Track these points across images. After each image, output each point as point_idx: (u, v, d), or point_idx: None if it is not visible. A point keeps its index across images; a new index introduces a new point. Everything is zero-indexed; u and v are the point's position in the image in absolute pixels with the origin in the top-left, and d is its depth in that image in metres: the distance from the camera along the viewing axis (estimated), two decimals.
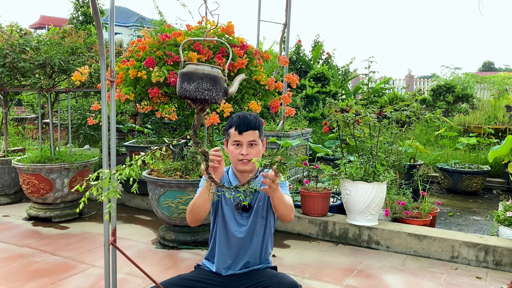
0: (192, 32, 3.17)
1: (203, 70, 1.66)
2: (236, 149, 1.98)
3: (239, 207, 2.01)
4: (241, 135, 1.95)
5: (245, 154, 1.95)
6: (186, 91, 1.65)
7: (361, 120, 4.13)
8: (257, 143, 1.98)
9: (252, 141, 1.97)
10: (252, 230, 2.03)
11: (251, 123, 1.96)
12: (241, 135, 1.95)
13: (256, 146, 1.99)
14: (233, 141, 1.98)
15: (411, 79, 16.53)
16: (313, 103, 8.69)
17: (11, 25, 5.37)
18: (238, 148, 1.97)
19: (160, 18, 8.29)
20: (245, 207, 2.02)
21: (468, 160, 6.70)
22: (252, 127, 1.96)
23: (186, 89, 1.65)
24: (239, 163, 1.98)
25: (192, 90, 1.65)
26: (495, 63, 42.83)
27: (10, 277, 3.06)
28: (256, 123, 1.98)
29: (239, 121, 1.97)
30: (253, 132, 1.96)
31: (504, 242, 3.42)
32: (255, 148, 1.98)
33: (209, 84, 1.65)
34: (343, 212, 4.07)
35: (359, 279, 3.11)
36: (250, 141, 1.96)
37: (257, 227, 2.04)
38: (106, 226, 2.10)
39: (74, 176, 4.45)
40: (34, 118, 8.14)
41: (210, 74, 1.66)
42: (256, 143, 1.98)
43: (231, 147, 2.00)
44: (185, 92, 1.66)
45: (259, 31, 5.27)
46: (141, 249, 3.68)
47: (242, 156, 1.95)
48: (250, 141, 1.96)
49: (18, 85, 5.02)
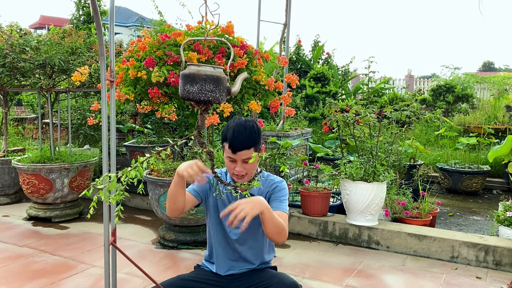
0: (192, 32, 3.17)
1: (205, 71, 1.66)
2: (231, 164, 1.91)
3: None
4: (235, 154, 1.87)
5: (239, 171, 1.89)
6: (190, 93, 1.65)
7: (361, 120, 4.13)
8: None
9: (246, 159, 1.88)
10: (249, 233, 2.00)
11: (245, 143, 1.84)
12: (235, 154, 1.87)
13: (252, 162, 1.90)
14: (227, 157, 1.91)
15: (411, 79, 16.54)
16: (313, 103, 8.69)
17: (11, 25, 5.37)
18: (233, 163, 1.91)
19: (160, 18, 8.28)
20: None
21: (468, 160, 6.70)
22: (246, 146, 1.85)
23: (189, 91, 1.65)
24: (234, 176, 1.94)
25: (195, 92, 1.64)
26: (495, 63, 42.88)
27: (10, 277, 3.06)
28: (251, 141, 1.86)
29: (233, 139, 1.85)
30: (247, 151, 1.86)
31: (504, 242, 3.42)
32: (250, 165, 1.90)
33: (212, 85, 1.65)
34: (343, 212, 4.07)
35: (359, 279, 3.11)
36: (244, 159, 1.88)
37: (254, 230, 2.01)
38: (106, 226, 2.10)
39: (74, 176, 4.45)
40: (34, 118, 8.14)
41: (213, 75, 1.66)
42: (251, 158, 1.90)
43: (226, 159, 1.94)
44: (188, 94, 1.65)
45: (259, 31, 5.26)
46: (141, 249, 3.68)
47: (237, 171, 1.90)
48: (244, 159, 1.88)
49: (18, 85, 5.01)
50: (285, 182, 2.06)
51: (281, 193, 1.99)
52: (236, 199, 1.99)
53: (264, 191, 2.00)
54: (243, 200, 1.69)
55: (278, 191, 2.00)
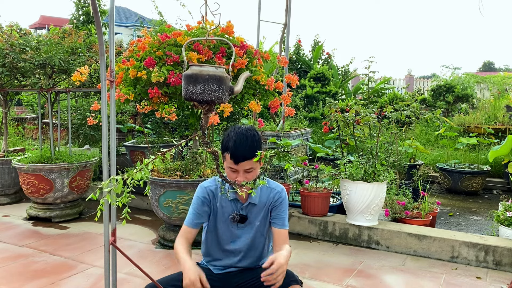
0: (192, 32, 3.17)
1: (207, 71, 1.66)
2: (232, 174, 1.91)
3: (235, 220, 1.99)
4: (237, 165, 1.86)
5: (240, 181, 1.89)
6: (193, 93, 1.65)
7: (361, 120, 4.13)
8: (254, 167, 1.90)
9: (248, 169, 1.88)
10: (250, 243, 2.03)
11: (247, 154, 1.84)
12: (237, 165, 1.86)
13: (253, 170, 1.91)
14: (229, 167, 1.91)
15: (411, 79, 16.53)
16: (313, 103, 8.69)
17: (11, 25, 5.37)
18: (234, 173, 1.90)
19: (160, 18, 8.28)
20: (241, 219, 1.99)
21: (468, 160, 6.70)
22: (248, 157, 1.85)
23: (192, 92, 1.65)
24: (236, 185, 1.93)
25: (198, 92, 1.65)
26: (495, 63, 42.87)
27: (10, 277, 3.06)
28: (253, 151, 1.86)
29: (235, 149, 1.84)
30: (249, 162, 1.86)
31: (504, 242, 3.42)
32: (252, 173, 1.90)
33: (215, 85, 1.65)
34: (343, 212, 4.07)
35: (359, 279, 3.11)
36: (246, 169, 1.88)
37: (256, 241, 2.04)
38: (106, 226, 2.10)
39: (74, 176, 4.45)
40: (34, 118, 8.14)
41: (215, 75, 1.66)
42: (253, 167, 1.90)
43: (227, 169, 1.93)
44: (191, 95, 1.66)
45: (259, 31, 5.27)
46: (141, 249, 3.68)
47: (239, 182, 1.89)
48: (246, 169, 1.88)
49: (18, 85, 5.01)
50: (285, 190, 2.08)
51: (282, 208, 2.02)
52: (237, 207, 2.00)
53: (266, 202, 2.02)
54: (281, 261, 1.74)
55: (280, 205, 2.02)
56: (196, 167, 3.71)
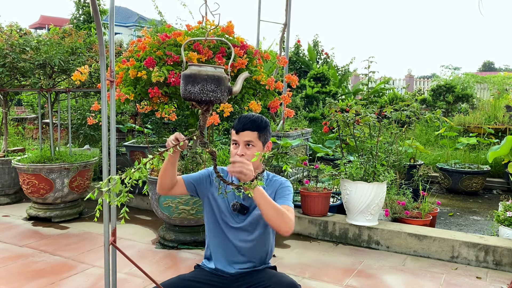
0: (192, 32, 3.17)
1: (206, 71, 1.66)
2: (234, 149, 1.96)
3: (235, 208, 1.99)
4: (238, 135, 1.93)
5: (239, 155, 1.90)
6: (191, 93, 1.66)
7: (361, 120, 4.13)
8: (254, 144, 1.93)
9: (248, 141, 1.92)
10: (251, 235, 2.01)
11: (248, 124, 1.92)
12: (238, 135, 1.93)
13: (252, 148, 1.93)
14: (232, 140, 1.98)
15: (411, 79, 16.54)
16: (313, 103, 8.69)
17: (11, 25, 5.37)
18: (236, 148, 1.95)
19: (160, 18, 8.27)
20: (242, 209, 1.99)
21: (468, 160, 6.70)
22: (249, 127, 1.92)
23: (190, 92, 1.66)
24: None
25: (196, 92, 1.65)
26: (495, 63, 42.85)
27: (10, 277, 3.06)
28: (255, 125, 1.93)
29: (238, 121, 1.95)
30: (250, 133, 1.92)
31: (504, 242, 3.42)
32: (251, 150, 1.92)
33: (214, 85, 1.66)
34: (343, 212, 4.07)
35: (359, 279, 3.11)
36: (246, 141, 1.92)
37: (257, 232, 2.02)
38: (106, 226, 2.10)
39: (74, 176, 4.45)
40: (34, 118, 8.14)
41: (214, 75, 1.66)
42: (253, 144, 1.93)
43: (231, 146, 1.99)
44: (190, 95, 1.66)
45: (259, 31, 5.27)
46: (141, 249, 3.68)
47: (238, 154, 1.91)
48: (246, 141, 1.92)
49: (18, 85, 5.01)
50: (289, 182, 2.07)
51: (283, 191, 2.00)
52: (239, 198, 2.00)
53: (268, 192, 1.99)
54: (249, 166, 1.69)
55: (281, 190, 2.00)
56: (196, 167, 3.71)
